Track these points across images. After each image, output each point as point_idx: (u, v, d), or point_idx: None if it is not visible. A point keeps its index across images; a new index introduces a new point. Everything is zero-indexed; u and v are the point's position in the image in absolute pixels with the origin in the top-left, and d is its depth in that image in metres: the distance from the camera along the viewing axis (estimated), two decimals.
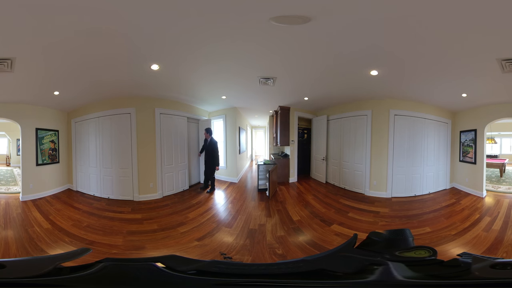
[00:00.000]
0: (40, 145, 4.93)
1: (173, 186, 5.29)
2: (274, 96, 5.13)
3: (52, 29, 2.05)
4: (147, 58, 2.83)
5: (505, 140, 12.21)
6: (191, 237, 3.00)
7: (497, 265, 0.57)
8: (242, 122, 7.97)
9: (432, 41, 2.28)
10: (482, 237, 2.93)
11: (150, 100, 4.85)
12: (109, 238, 2.99)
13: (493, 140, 8.04)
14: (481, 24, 1.94)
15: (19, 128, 4.70)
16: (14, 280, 0.54)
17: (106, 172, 4.93)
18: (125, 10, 1.84)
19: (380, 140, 5.09)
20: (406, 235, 0.78)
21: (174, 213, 3.97)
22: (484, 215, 3.73)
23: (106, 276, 0.58)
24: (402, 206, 4.39)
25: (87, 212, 4.03)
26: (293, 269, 0.63)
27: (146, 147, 4.87)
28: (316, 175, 6.87)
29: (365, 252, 0.73)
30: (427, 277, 0.58)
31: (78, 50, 2.52)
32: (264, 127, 13.16)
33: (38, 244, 2.75)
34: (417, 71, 3.19)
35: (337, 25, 2.07)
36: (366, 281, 0.55)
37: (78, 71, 3.14)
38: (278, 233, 3.09)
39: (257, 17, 1.94)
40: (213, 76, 3.57)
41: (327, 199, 4.82)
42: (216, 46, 2.53)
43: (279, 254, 2.57)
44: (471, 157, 5.18)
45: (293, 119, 6.49)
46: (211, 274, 0.60)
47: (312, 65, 3.11)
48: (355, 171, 5.49)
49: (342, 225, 3.41)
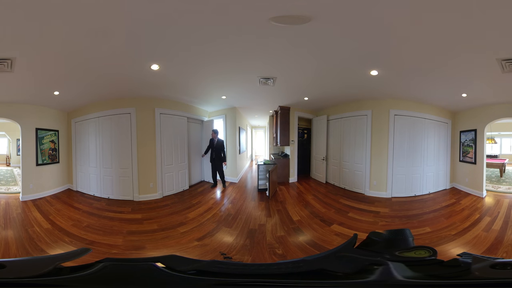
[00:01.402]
0: (40, 145, 4.93)
1: (173, 186, 5.29)
2: (274, 96, 5.12)
3: (52, 29, 2.05)
4: (147, 58, 2.83)
5: (505, 140, 12.21)
6: (191, 237, 3.00)
7: (497, 265, 0.57)
8: (242, 122, 7.96)
9: (432, 41, 2.28)
10: (482, 237, 2.93)
11: (150, 100, 4.85)
12: (109, 238, 2.99)
13: (493, 140, 8.04)
14: (481, 24, 1.94)
15: (19, 128, 4.70)
16: (14, 280, 0.54)
17: (106, 172, 4.93)
18: (125, 10, 1.84)
19: (380, 140, 5.09)
20: (406, 235, 0.78)
21: (174, 213, 3.97)
22: (484, 215, 3.73)
23: (106, 276, 0.58)
24: (402, 206, 4.39)
25: (87, 212, 4.03)
26: (293, 269, 0.63)
27: (146, 147, 4.87)
28: (316, 175, 6.87)
29: (365, 252, 0.73)
30: (427, 277, 0.58)
31: (78, 50, 2.51)
32: (264, 127, 13.16)
33: (38, 244, 2.75)
34: (417, 71, 3.19)
35: (337, 25, 2.07)
36: (366, 281, 0.55)
37: (78, 71, 3.14)
38: (278, 233, 3.09)
39: (257, 17, 1.94)
40: (213, 76, 3.57)
41: (327, 199, 4.82)
42: (216, 46, 2.53)
43: (279, 254, 2.57)
44: (471, 157, 5.18)
45: (293, 119, 6.49)
46: (211, 274, 0.60)
47: (312, 65, 3.11)
48: (355, 171, 5.49)
49: (342, 225, 3.41)
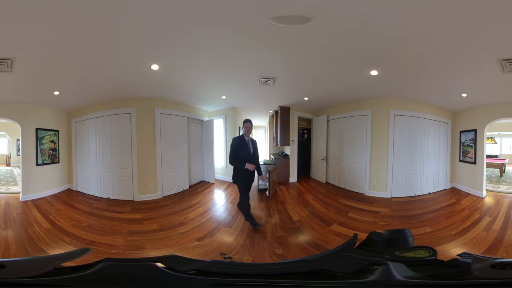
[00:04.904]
0: (40, 145, 4.93)
1: (173, 186, 5.28)
2: (274, 96, 5.12)
3: (52, 29, 2.05)
4: (147, 58, 2.83)
5: (505, 140, 12.20)
6: (191, 237, 3.00)
7: (497, 265, 0.57)
8: (242, 122, 7.96)
9: (432, 41, 2.28)
10: (482, 237, 2.93)
11: (150, 100, 4.85)
12: (109, 238, 2.99)
13: (493, 140, 8.04)
14: (481, 24, 1.94)
15: (19, 128, 4.70)
16: (14, 280, 0.53)
17: (106, 172, 4.93)
18: (125, 9, 1.84)
19: (380, 140, 5.09)
20: (406, 235, 0.78)
21: (174, 213, 3.97)
22: (484, 215, 3.73)
23: (106, 276, 0.58)
24: (402, 206, 4.39)
25: (87, 212, 4.03)
26: (293, 269, 0.63)
27: (146, 147, 4.87)
28: (316, 175, 6.86)
29: (365, 252, 0.73)
30: (427, 277, 0.58)
31: (78, 50, 2.51)
32: (264, 127, 13.14)
33: (38, 244, 2.75)
34: (417, 71, 3.19)
35: (337, 25, 2.07)
36: (366, 281, 0.55)
37: (78, 71, 3.14)
38: (278, 233, 3.09)
39: (257, 17, 1.94)
40: (213, 76, 3.57)
41: (327, 199, 4.82)
42: (216, 46, 2.53)
43: (279, 254, 2.57)
44: (471, 157, 5.17)
45: (293, 119, 6.49)
46: (211, 274, 0.60)
47: (312, 65, 3.11)
48: (355, 171, 5.49)
49: (342, 225, 3.41)
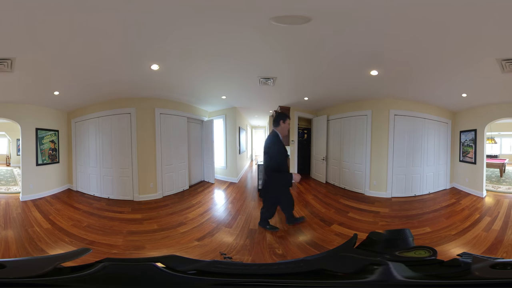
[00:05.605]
0: (40, 145, 4.93)
1: (173, 186, 5.28)
2: (274, 96, 5.12)
3: (52, 29, 2.05)
4: (147, 58, 2.83)
5: (505, 140, 12.21)
6: (191, 237, 3.00)
7: (497, 265, 0.57)
8: (242, 122, 7.96)
9: (432, 41, 2.28)
10: (482, 237, 2.93)
11: (150, 100, 4.85)
12: (109, 238, 2.99)
13: (493, 140, 8.04)
14: (481, 24, 1.94)
15: (19, 128, 4.70)
16: (14, 280, 0.53)
17: (106, 172, 4.93)
18: (125, 9, 1.84)
19: (380, 140, 5.09)
20: (406, 235, 0.78)
21: (174, 213, 3.97)
22: (484, 215, 3.73)
23: (106, 276, 0.58)
24: (402, 206, 4.39)
25: (87, 212, 4.03)
26: (293, 269, 0.63)
27: (146, 147, 4.87)
28: (316, 175, 6.86)
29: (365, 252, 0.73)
30: (427, 277, 0.58)
31: (78, 50, 2.51)
32: (264, 127, 13.14)
33: (38, 244, 2.75)
34: (417, 71, 3.19)
35: (337, 25, 2.07)
36: (366, 281, 0.55)
37: (78, 71, 3.14)
38: (278, 233, 3.09)
39: (257, 16, 1.94)
40: (213, 76, 3.57)
41: (327, 199, 4.82)
42: (216, 46, 2.52)
43: (279, 254, 2.56)
44: (471, 157, 5.17)
45: (293, 119, 6.49)
46: (211, 274, 0.60)
47: (312, 65, 3.11)
48: (355, 171, 5.48)
49: (342, 225, 3.41)
